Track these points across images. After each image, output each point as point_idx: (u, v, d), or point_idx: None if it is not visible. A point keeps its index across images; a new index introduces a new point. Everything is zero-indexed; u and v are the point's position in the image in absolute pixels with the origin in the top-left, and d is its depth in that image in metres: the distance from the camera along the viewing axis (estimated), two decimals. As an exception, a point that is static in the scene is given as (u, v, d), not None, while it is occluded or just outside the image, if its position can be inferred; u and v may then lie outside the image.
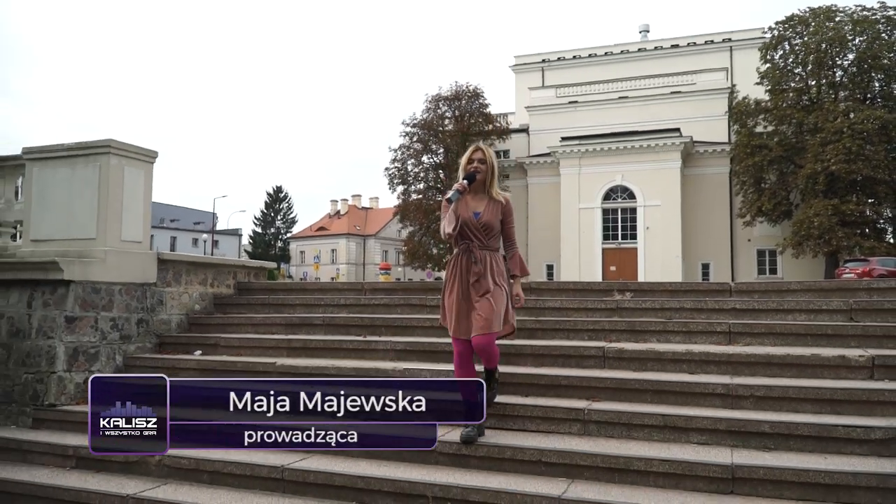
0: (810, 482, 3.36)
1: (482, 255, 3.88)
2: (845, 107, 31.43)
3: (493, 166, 3.96)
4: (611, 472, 3.62)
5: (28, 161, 5.78)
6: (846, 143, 29.86)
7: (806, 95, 33.02)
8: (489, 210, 3.94)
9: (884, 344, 4.48)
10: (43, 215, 5.70)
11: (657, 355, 4.64)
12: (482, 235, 3.91)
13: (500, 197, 4.02)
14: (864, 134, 30.26)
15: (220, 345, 5.75)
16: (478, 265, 3.85)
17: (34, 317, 5.27)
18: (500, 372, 4.28)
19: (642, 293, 5.86)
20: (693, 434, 3.87)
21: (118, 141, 5.56)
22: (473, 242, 3.90)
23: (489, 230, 3.93)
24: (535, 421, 4.14)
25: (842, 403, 3.91)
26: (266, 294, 6.81)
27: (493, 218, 3.94)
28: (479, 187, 3.97)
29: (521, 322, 5.43)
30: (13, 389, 5.22)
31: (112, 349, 5.55)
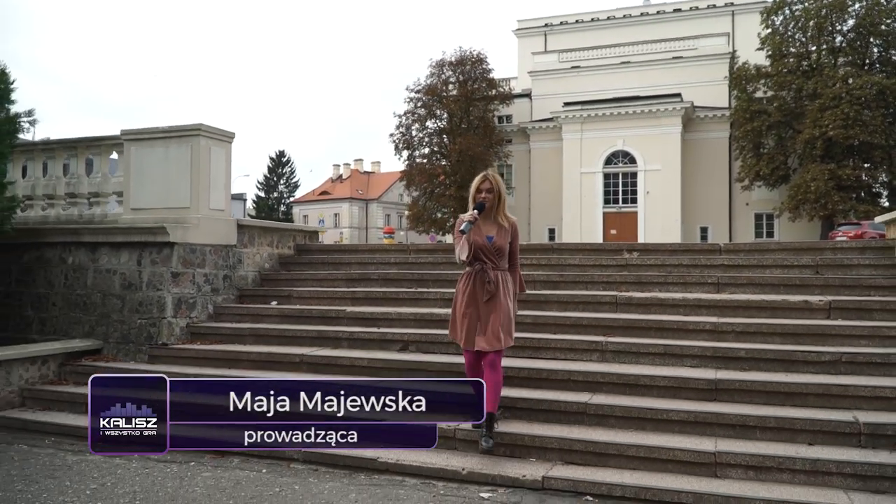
0: (773, 391, 4.51)
1: (495, 275, 4.22)
2: (844, 72, 32.03)
3: (501, 193, 4.29)
4: (623, 387, 4.77)
5: (126, 141, 6.79)
6: (844, 109, 30.55)
7: (806, 61, 33.54)
8: (500, 234, 4.26)
9: (840, 292, 5.61)
10: (141, 188, 6.74)
11: (659, 301, 5.77)
12: (494, 257, 4.24)
13: (506, 222, 4.31)
14: (862, 99, 30.94)
15: (293, 296, 6.87)
16: (491, 285, 4.19)
17: (144, 273, 6.38)
18: (534, 315, 5.39)
19: (647, 252, 6.97)
20: (687, 359, 5.01)
21: (206, 125, 6.57)
22: (487, 264, 4.23)
23: (500, 252, 4.26)
24: (563, 351, 5.28)
25: (802, 336, 5.05)
26: (324, 254, 7.92)
27: (504, 242, 4.27)
28: (488, 213, 4.26)
29: (546, 276, 6.58)
30: (129, 332, 6.35)
31: (205, 299, 6.67)
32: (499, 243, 4.24)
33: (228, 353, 5.97)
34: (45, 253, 6.82)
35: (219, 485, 4.15)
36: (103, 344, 6.41)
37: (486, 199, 4.23)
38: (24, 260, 6.89)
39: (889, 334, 4.93)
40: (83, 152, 7.28)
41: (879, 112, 31.16)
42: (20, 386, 5.80)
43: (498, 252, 4.25)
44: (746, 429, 4.23)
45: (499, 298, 4.19)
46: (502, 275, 4.27)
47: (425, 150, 42.27)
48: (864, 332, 4.99)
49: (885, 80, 31.12)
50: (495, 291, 4.19)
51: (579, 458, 4.21)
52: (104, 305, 6.50)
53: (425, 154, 42.07)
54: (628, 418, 4.44)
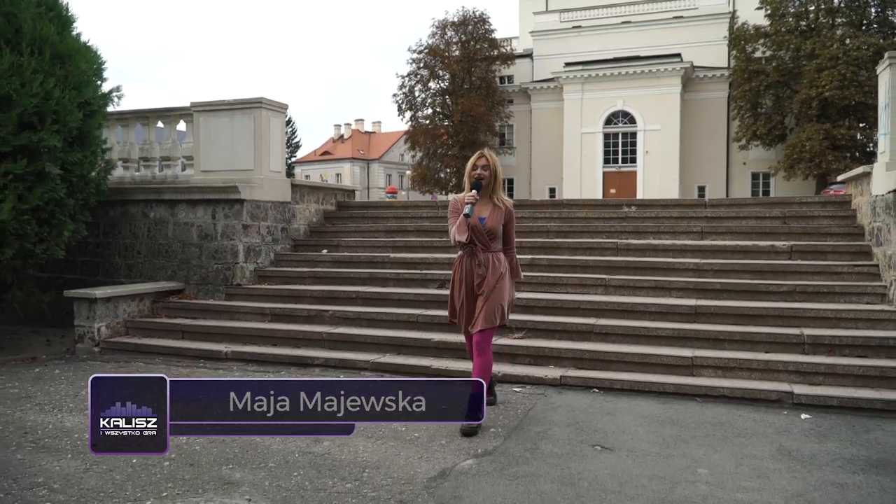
0: (740, 314, 5.72)
1: (485, 257, 4.11)
2: (842, 33, 32.60)
3: (497, 172, 4.14)
4: (623, 313, 5.99)
5: (195, 112, 7.85)
6: (841, 70, 31.23)
7: (804, 21, 34.03)
8: (494, 216, 4.10)
9: (801, 238, 6.79)
10: (209, 152, 7.83)
11: (653, 247, 6.96)
12: (486, 240, 4.10)
13: (502, 203, 4.16)
14: (858, 60, 31.62)
15: (341, 245, 8.05)
16: (481, 268, 4.10)
17: (218, 225, 7.53)
18: (549, 259, 6.55)
19: (643, 207, 8.13)
20: (673, 291, 6.22)
21: (267, 98, 7.64)
22: (477, 246, 4.11)
23: (493, 235, 4.12)
24: (574, 286, 6.49)
25: (767, 273, 6.25)
26: (363, 210, 9.09)
27: (496, 224, 4.11)
28: (484, 192, 4.11)
29: (558, 227, 7.74)
30: (208, 275, 7.54)
31: (268, 248, 7.85)
32: (490, 225, 4.10)
33: (293, 291, 7.18)
34: (130, 209, 7.95)
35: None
36: (185, 285, 7.61)
37: (481, 177, 4.09)
38: (110, 215, 8.02)
39: (836, 270, 6.13)
40: (154, 121, 8.34)
41: (875, 73, 31.83)
42: (124, 318, 7.02)
43: (490, 234, 4.11)
44: (717, 342, 5.46)
45: (489, 280, 4.10)
46: (493, 257, 4.15)
47: (428, 111, 42.91)
48: (816, 269, 6.19)
49: (882, 40, 31.74)
50: (485, 274, 4.10)
51: (588, 364, 5.45)
52: (184, 253, 7.67)
53: (428, 115, 42.71)
54: (626, 335, 5.68)
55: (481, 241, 4.11)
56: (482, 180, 4.10)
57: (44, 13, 6.45)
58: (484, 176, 4.10)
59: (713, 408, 4.71)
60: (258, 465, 3.62)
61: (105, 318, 6.80)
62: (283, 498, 3.20)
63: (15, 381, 5.60)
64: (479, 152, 4.22)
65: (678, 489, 3.30)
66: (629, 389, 5.08)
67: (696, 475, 3.48)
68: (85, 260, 8.09)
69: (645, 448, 3.88)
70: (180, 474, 3.48)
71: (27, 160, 6.09)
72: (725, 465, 3.63)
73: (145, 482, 3.38)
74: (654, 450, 3.86)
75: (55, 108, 6.22)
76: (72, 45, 6.58)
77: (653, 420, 4.42)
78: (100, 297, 6.73)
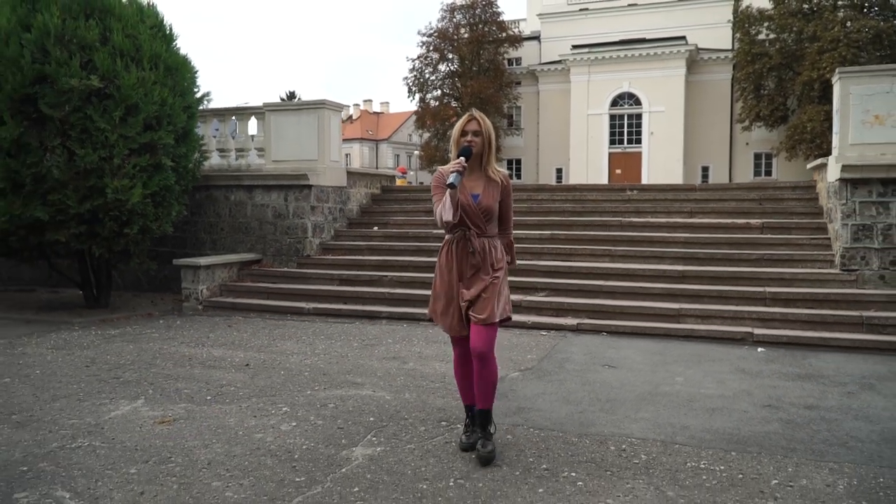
0: (718, 277, 7.26)
1: (481, 243, 3.36)
2: (843, 15, 33.57)
3: (490, 138, 3.36)
4: (626, 276, 7.53)
5: (267, 111, 9.35)
6: (842, 52, 32.25)
7: (807, 4, 34.99)
8: (488, 192, 3.37)
9: (773, 216, 8.31)
10: (279, 145, 9.33)
11: (651, 224, 8.48)
12: (481, 221, 3.35)
13: (497, 175, 3.42)
14: (859, 43, 32.65)
15: (390, 223, 9.59)
16: (476, 256, 3.35)
17: (290, 206, 9.07)
18: (565, 234, 8.09)
19: (643, 190, 9.63)
20: (666, 260, 7.75)
21: (329, 100, 9.15)
22: (471, 230, 3.34)
23: (488, 215, 3.37)
24: (586, 256, 8.03)
25: (742, 245, 7.77)
26: (405, 193, 10.63)
27: (492, 201, 3.37)
28: (475, 163, 3.37)
29: (572, 207, 9.25)
30: (281, 248, 9.11)
31: (329, 225, 9.40)
32: (486, 203, 3.36)
33: (354, 260, 8.74)
34: (213, 193, 9.49)
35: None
36: (262, 256, 9.18)
37: (472, 144, 3.31)
38: (196, 198, 9.55)
39: (797, 242, 7.65)
40: (229, 118, 9.84)
41: (875, 55, 32.84)
42: (219, 283, 8.60)
43: (486, 214, 3.36)
44: (699, 297, 7.00)
45: (486, 271, 3.36)
46: (490, 243, 3.40)
47: (437, 93, 44.16)
48: (782, 241, 7.70)
49: (882, 23, 32.74)
50: (481, 264, 3.35)
51: (598, 315, 7.00)
52: (260, 230, 9.23)
53: (437, 96, 43.98)
54: (627, 293, 7.22)
55: (475, 223, 3.35)
56: (473, 147, 3.31)
57: (155, 33, 7.92)
58: (475, 143, 3.33)
59: (693, 345, 6.26)
60: (370, 375, 5.19)
61: (206, 282, 8.38)
62: (395, 388, 4.78)
63: (149, 329, 7.20)
64: (468, 114, 3.38)
65: (661, 387, 4.85)
66: (630, 333, 6.64)
67: (674, 381, 5.03)
68: (176, 235, 9.64)
69: (639, 367, 5.44)
70: (319, 379, 5.07)
71: (149, 155, 7.61)
72: (696, 376, 5.18)
73: (298, 382, 4.97)
74: (646, 368, 5.41)
75: (168, 112, 7.72)
76: (177, 59, 8.06)
77: (646, 352, 5.98)
78: (203, 265, 8.32)
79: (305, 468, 3.33)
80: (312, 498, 2.99)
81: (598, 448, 3.60)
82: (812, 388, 4.83)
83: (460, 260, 3.40)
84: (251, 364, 5.58)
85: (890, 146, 6.92)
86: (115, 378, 5.15)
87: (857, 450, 3.57)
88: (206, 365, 5.58)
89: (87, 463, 3.43)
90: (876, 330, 6.15)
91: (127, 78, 7.23)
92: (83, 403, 4.49)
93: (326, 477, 3.22)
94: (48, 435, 3.87)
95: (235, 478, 3.22)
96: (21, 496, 3.05)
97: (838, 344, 6.02)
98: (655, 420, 4.07)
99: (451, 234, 3.43)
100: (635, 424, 3.99)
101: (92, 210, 7.31)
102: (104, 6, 7.52)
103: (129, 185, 7.35)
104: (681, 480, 3.16)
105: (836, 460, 3.42)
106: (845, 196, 7.02)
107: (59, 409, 4.35)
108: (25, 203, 7.20)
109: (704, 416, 4.15)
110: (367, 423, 4.04)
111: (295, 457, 3.48)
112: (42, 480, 3.22)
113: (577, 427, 3.94)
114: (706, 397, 4.58)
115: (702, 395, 4.62)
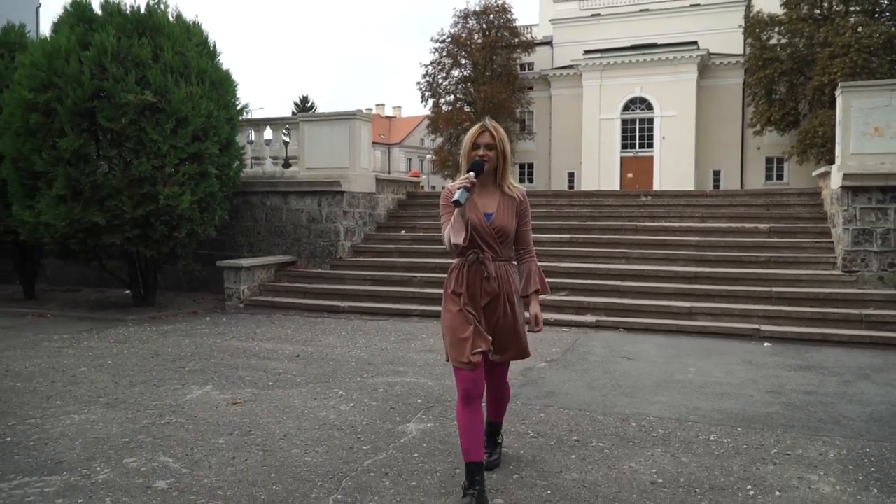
0: (728, 278, 7.75)
1: (496, 268, 3.02)
2: (855, 21, 33.82)
3: (505, 150, 3.03)
4: (640, 277, 8.04)
5: (301, 122, 9.95)
6: (853, 57, 32.51)
7: (818, 9, 35.27)
8: (504, 210, 3.04)
9: (779, 221, 8.79)
10: (312, 154, 9.93)
11: (664, 228, 8.98)
12: (495, 243, 3.02)
13: (513, 192, 3.10)
14: (870, 48, 32.90)
15: (417, 227, 10.16)
16: (492, 283, 3.00)
17: (323, 211, 9.65)
18: (583, 238, 8.61)
19: (657, 196, 10.14)
20: (678, 262, 8.25)
21: (360, 111, 9.75)
22: (485, 253, 3.00)
23: (504, 236, 3.04)
24: (602, 258, 8.54)
25: (750, 248, 8.26)
26: (429, 199, 11.19)
27: (508, 220, 3.04)
28: (488, 179, 3.03)
29: (590, 212, 9.78)
30: (315, 250, 9.69)
31: (360, 229, 9.98)
32: (500, 223, 3.03)
33: (385, 262, 9.30)
34: (250, 199, 10.09)
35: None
36: (297, 258, 9.77)
37: (485, 158, 2.98)
38: (234, 203, 10.15)
39: (803, 246, 8.12)
40: (263, 128, 10.45)
41: (886, 60, 33.09)
42: (258, 283, 9.19)
43: (500, 235, 3.03)
44: (710, 297, 7.49)
45: (502, 300, 3.03)
46: (506, 267, 3.09)
47: (450, 98, 44.75)
48: (787, 244, 8.18)
49: (893, 28, 32.98)
50: (498, 291, 3.01)
51: (615, 313, 7.51)
52: (295, 233, 9.82)
53: (450, 101, 44.57)
54: (642, 293, 7.73)
55: (490, 245, 3.01)
56: (486, 162, 2.98)
57: (201, 50, 8.54)
58: (489, 157, 2.99)
59: (704, 340, 6.76)
60: (410, 365, 5.74)
61: (247, 282, 8.98)
62: (435, 376, 5.33)
63: (199, 326, 7.79)
64: (479, 125, 3.06)
65: (675, 376, 5.37)
66: (645, 329, 7.15)
67: (687, 371, 5.54)
68: (215, 239, 10.23)
69: (655, 359, 5.95)
70: (366, 368, 5.63)
71: (196, 163, 8.22)
72: (707, 367, 5.69)
73: (347, 370, 5.53)
74: (661, 360, 5.93)
75: (214, 124, 8.33)
76: (220, 74, 8.67)
77: (661, 346, 6.48)
78: (244, 266, 8.92)
79: (369, 439, 3.88)
80: (381, 461, 3.53)
81: (620, 424, 4.13)
82: (812, 377, 5.33)
83: (472, 286, 2.99)
84: (301, 355, 6.15)
85: (889, 156, 7.40)
86: (181, 367, 5.73)
87: (848, 427, 4.08)
88: (259, 356, 6.15)
89: (178, 435, 4.00)
90: (874, 326, 6.62)
91: (177, 93, 7.84)
92: (159, 388, 5.06)
93: (388, 446, 3.76)
94: (137, 414, 4.44)
95: (310, 446, 3.77)
96: (130, 461, 3.61)
97: (839, 339, 6.50)
98: (671, 403, 4.59)
99: (461, 257, 3.02)
100: (653, 406, 4.51)
101: (145, 215, 7.92)
102: (155, 25, 8.14)
103: (178, 192, 7.95)
104: (693, 449, 3.68)
105: (829, 435, 3.93)
106: (846, 202, 7.50)
107: (140, 393, 4.93)
108: (84, 208, 7.82)
109: (714, 400, 4.66)
110: (415, 403, 4.59)
111: (358, 430, 4.03)
112: (144, 449, 3.79)
113: (602, 408, 4.47)
114: (716, 384, 5.09)
115: (712, 383, 5.13)
